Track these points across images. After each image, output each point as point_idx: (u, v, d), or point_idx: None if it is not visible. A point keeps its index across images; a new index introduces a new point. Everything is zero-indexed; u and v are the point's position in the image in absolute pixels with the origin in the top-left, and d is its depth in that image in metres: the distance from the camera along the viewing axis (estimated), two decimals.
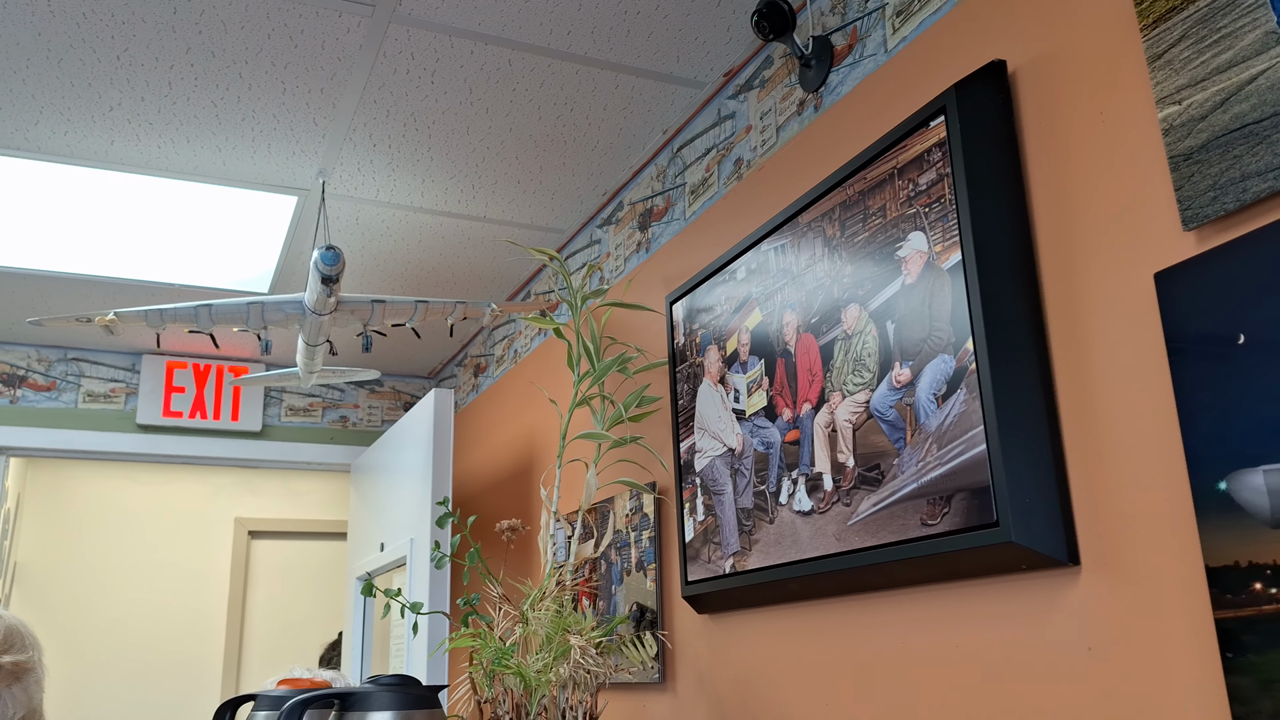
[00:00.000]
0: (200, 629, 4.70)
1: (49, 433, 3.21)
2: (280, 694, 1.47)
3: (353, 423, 3.60)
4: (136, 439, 3.29)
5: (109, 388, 3.31)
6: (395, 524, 2.77)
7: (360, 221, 2.49)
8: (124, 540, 4.70)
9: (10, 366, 3.22)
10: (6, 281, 2.75)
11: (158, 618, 4.65)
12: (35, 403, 3.22)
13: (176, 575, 4.74)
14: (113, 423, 3.29)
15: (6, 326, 3.08)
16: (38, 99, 1.95)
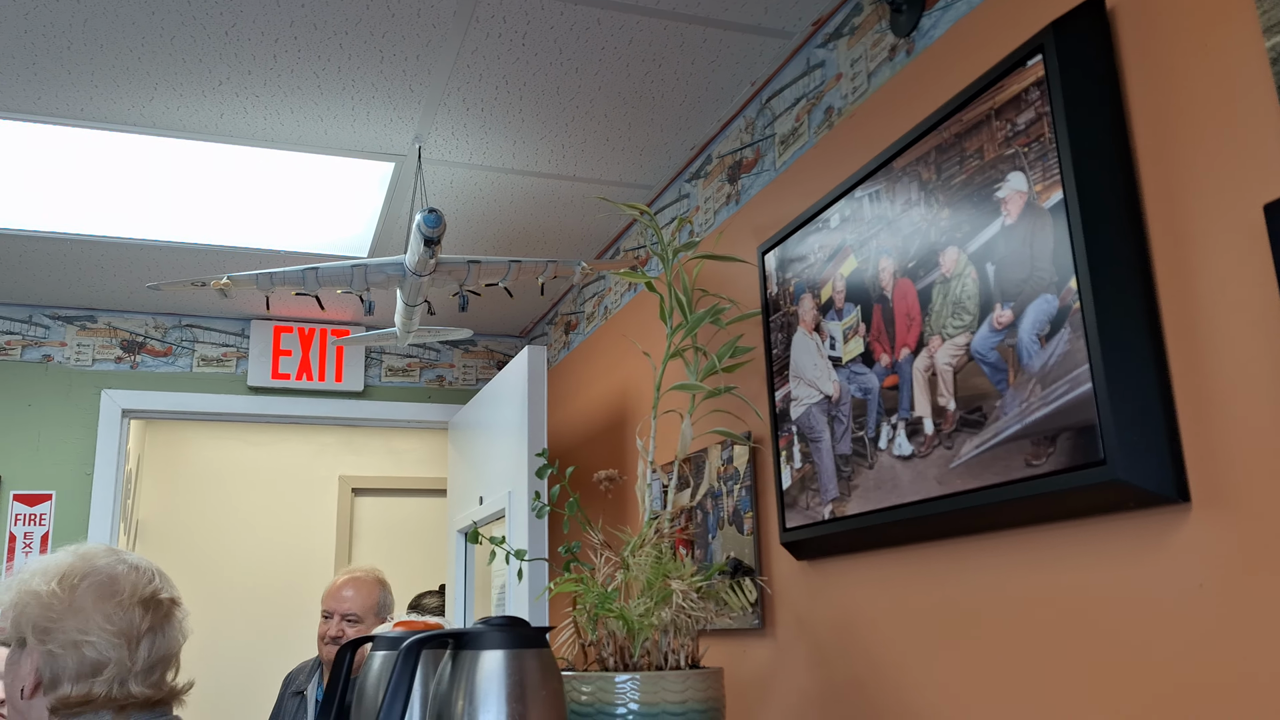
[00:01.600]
0: (309, 581, 4.92)
1: (166, 396, 3.37)
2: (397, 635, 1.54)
3: (449, 381, 3.69)
4: (247, 400, 3.44)
5: (221, 352, 3.46)
6: (493, 478, 2.85)
7: (454, 184, 2.55)
8: (236, 498, 4.93)
9: (130, 334, 3.38)
10: (126, 252, 2.89)
11: (269, 571, 4.87)
12: (153, 368, 3.39)
13: (286, 531, 4.96)
14: (225, 385, 3.44)
15: (125, 295, 3.23)
16: (151, 75, 2.04)
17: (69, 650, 1.30)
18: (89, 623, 1.31)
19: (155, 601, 1.38)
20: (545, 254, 2.97)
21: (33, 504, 3.16)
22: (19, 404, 3.23)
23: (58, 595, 1.33)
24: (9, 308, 3.28)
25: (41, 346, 3.30)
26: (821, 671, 1.73)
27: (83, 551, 1.40)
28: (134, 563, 1.42)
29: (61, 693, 1.29)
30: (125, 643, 1.32)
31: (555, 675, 1.32)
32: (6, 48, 1.92)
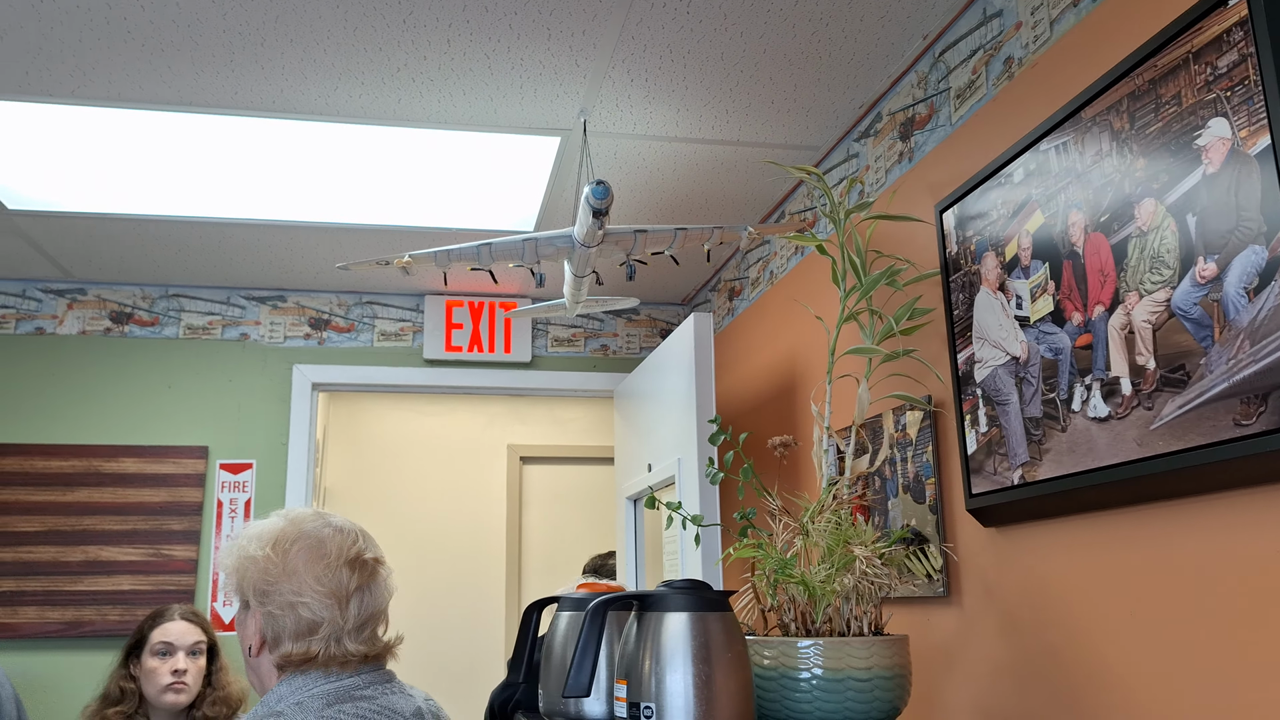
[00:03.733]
0: (482, 547, 5.19)
1: (350, 369, 3.61)
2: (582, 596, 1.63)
3: (612, 351, 3.80)
4: (424, 372, 3.65)
5: (399, 327, 3.68)
6: (661, 445, 2.93)
7: (618, 155, 2.61)
8: (412, 467, 5.23)
9: (316, 311, 3.64)
10: (312, 235, 3.11)
11: (445, 537, 5.16)
12: (338, 343, 3.63)
13: (459, 498, 5.23)
14: (403, 358, 3.66)
15: (312, 275, 3.48)
16: (336, 66, 2.19)
17: (286, 611, 1.42)
18: (302, 584, 1.42)
19: (360, 562, 1.48)
20: (710, 220, 3.01)
21: (236, 472, 3.46)
22: (221, 380, 3.53)
23: (272, 560, 1.44)
24: (210, 290, 3.59)
25: (239, 326, 3.59)
26: (1013, 641, 1.72)
27: (292, 516, 1.52)
28: (339, 525, 1.52)
29: (284, 650, 1.41)
30: (336, 602, 1.42)
31: (739, 638, 1.38)
32: (208, 46, 2.10)
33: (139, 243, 3.16)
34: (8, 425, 3.36)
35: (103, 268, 3.38)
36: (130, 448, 3.39)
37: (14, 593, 3.19)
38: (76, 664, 3.24)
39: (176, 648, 2.34)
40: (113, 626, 3.22)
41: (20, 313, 3.47)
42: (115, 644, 3.23)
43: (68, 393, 3.43)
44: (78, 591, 3.23)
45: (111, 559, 3.27)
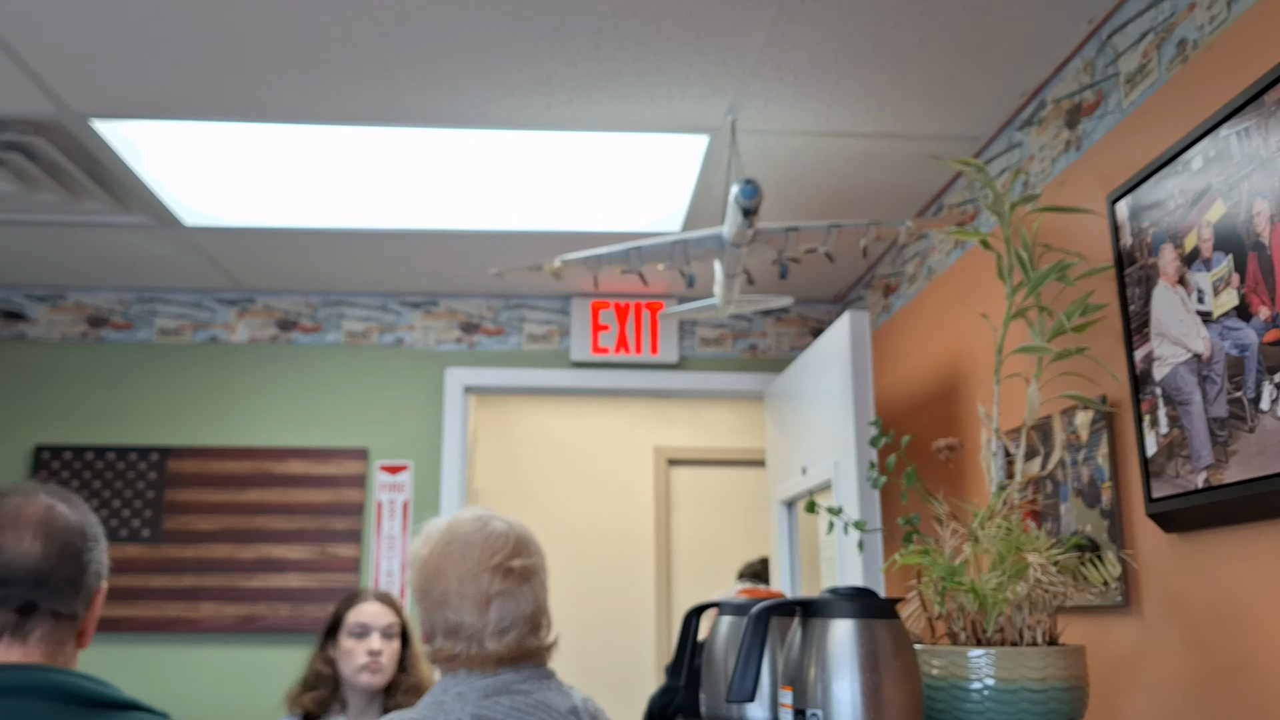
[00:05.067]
0: (630, 550, 5.29)
1: (500, 372, 3.76)
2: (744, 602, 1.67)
3: (761, 351, 3.83)
4: (571, 374, 3.76)
5: (546, 329, 3.80)
6: (816, 448, 2.94)
7: (767, 152, 2.64)
8: (559, 469, 5.38)
9: (467, 315, 3.80)
10: (462, 241, 3.25)
11: (594, 539, 5.28)
12: (488, 346, 3.79)
13: (606, 500, 5.35)
14: (551, 360, 3.78)
15: (463, 280, 3.64)
16: (489, 77, 2.29)
17: (438, 610, 1.52)
18: (449, 586, 1.51)
19: (505, 569, 1.54)
20: (864, 215, 3.00)
21: (394, 473, 3.65)
22: (379, 383, 3.73)
23: (429, 560, 1.54)
24: (368, 297, 3.80)
25: (394, 331, 3.78)
26: (1199, 654, 1.67)
27: (456, 518, 1.60)
28: (493, 530, 1.58)
29: (436, 645, 1.51)
30: (476, 606, 1.49)
31: (908, 647, 1.39)
32: (368, 63, 2.24)
33: (302, 253, 3.37)
34: (187, 429, 3.64)
35: (269, 278, 3.62)
36: (296, 450, 3.62)
37: (194, 589, 3.47)
38: (250, 658, 3.48)
39: (371, 628, 2.47)
40: (283, 622, 3.46)
41: (196, 322, 3.75)
42: (286, 639, 3.47)
43: (239, 398, 3.69)
44: (251, 588, 3.48)
45: (281, 557, 3.51)
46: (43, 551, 1.26)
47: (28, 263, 3.45)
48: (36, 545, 1.26)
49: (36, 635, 1.25)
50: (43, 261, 3.44)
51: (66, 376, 3.67)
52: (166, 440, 3.62)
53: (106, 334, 3.72)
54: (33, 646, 1.24)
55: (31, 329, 3.70)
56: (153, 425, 3.64)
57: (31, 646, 1.24)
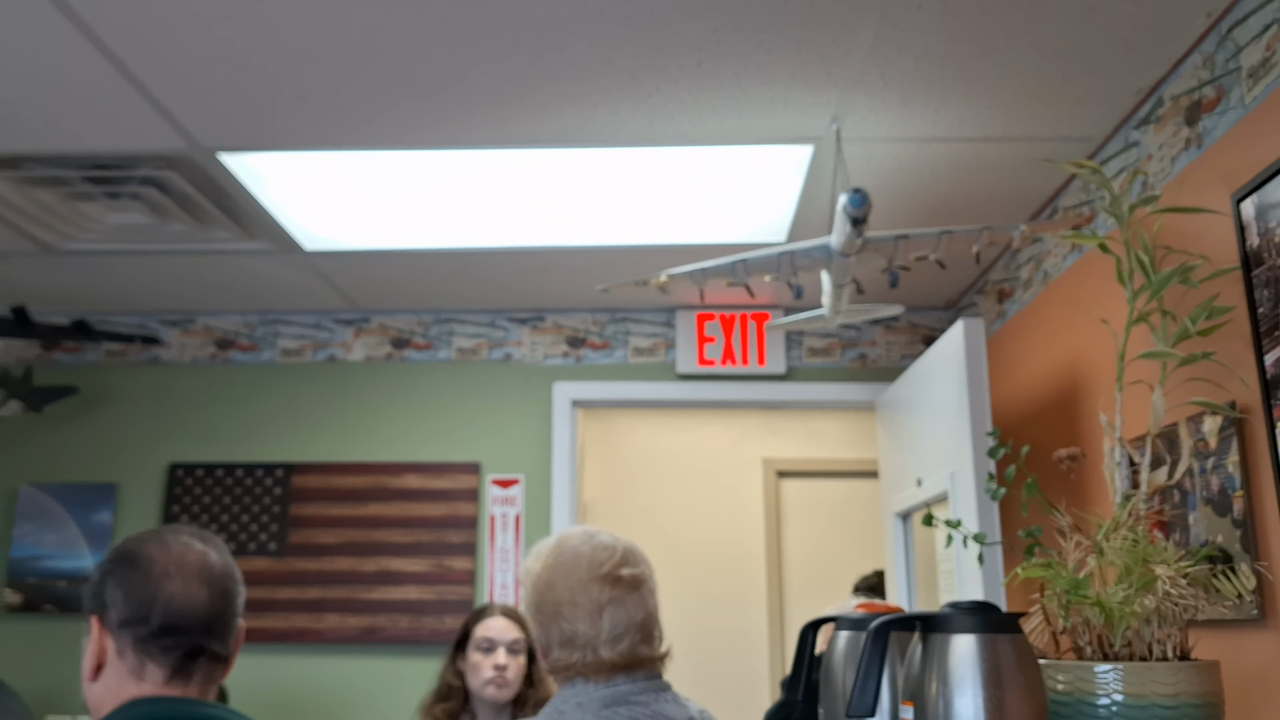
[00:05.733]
0: (741, 562, 5.28)
1: (607, 385, 3.82)
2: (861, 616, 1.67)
3: (871, 360, 3.80)
4: (677, 386, 3.80)
5: (651, 342, 3.85)
6: (931, 459, 2.90)
7: (873, 160, 2.64)
8: (667, 481, 5.41)
9: (573, 330, 3.88)
10: (568, 257, 3.32)
11: (703, 552, 5.29)
12: (594, 360, 3.85)
13: (715, 513, 5.36)
14: (656, 373, 3.83)
15: (569, 295, 3.71)
16: (592, 97, 2.35)
17: (551, 622, 1.58)
18: (560, 597, 1.58)
19: (614, 577, 1.60)
20: (973, 221, 2.96)
21: (506, 487, 3.74)
22: (489, 398, 3.83)
23: (541, 575, 1.62)
24: (476, 314, 3.91)
25: (503, 347, 3.88)
26: None
27: (564, 534, 1.68)
28: (600, 542, 1.64)
29: (553, 658, 1.58)
30: (589, 616, 1.55)
31: (1031, 662, 1.38)
32: (476, 90, 2.32)
33: (414, 273, 3.49)
34: (309, 445, 3.80)
35: (384, 298, 3.76)
36: (412, 464, 3.74)
37: (318, 600, 3.61)
38: (372, 668, 3.61)
39: (497, 643, 2.55)
40: (403, 634, 3.58)
41: (316, 342, 3.92)
42: (405, 650, 3.58)
43: (356, 414, 3.84)
44: (371, 600, 3.61)
45: (400, 570, 3.63)
46: (208, 598, 1.35)
47: (160, 289, 3.66)
48: (203, 592, 1.35)
49: (198, 677, 1.34)
50: (174, 288, 3.64)
51: (197, 397, 3.87)
52: (290, 456, 3.79)
53: (233, 355, 3.91)
54: (193, 686, 1.33)
55: (165, 352, 3.91)
56: (277, 442, 3.81)
57: (192, 686, 1.33)
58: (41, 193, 2.86)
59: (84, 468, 3.80)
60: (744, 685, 5.08)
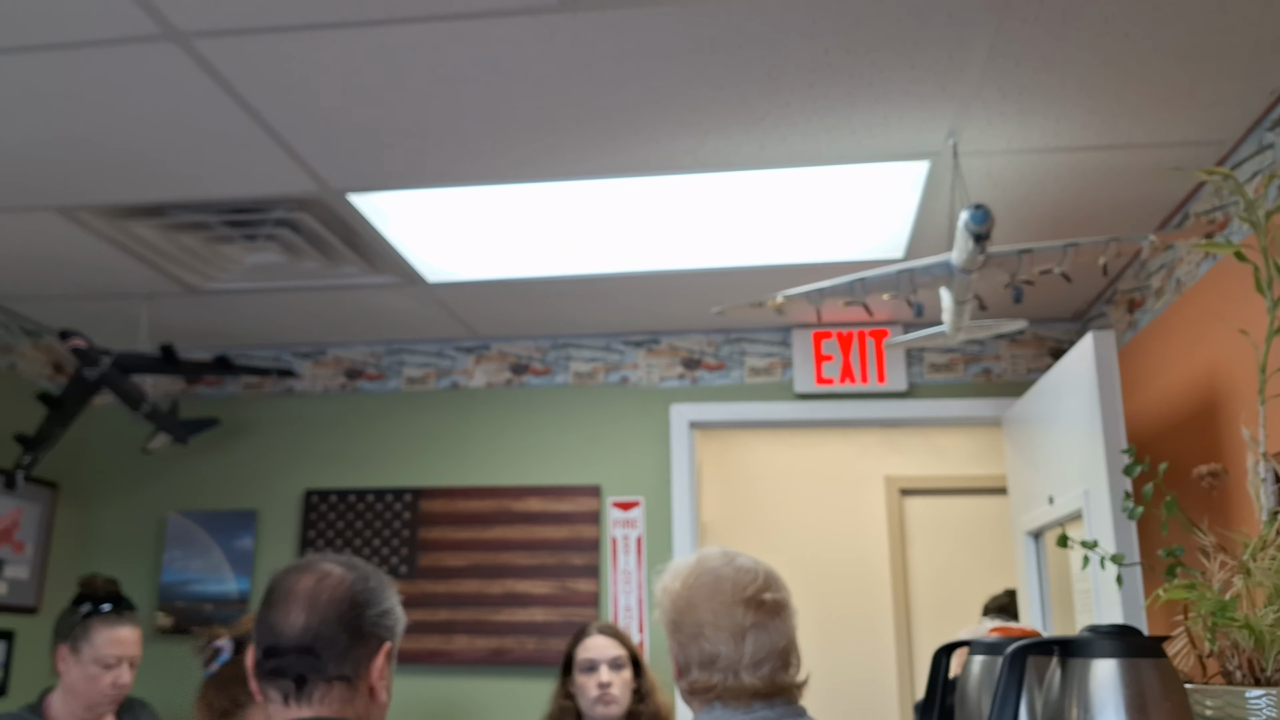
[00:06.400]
0: (865, 582, 5.21)
1: (723, 406, 3.84)
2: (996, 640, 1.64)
3: (996, 374, 3.72)
4: (795, 406, 3.79)
5: (767, 362, 3.85)
6: (1063, 476, 2.83)
7: (991, 173, 2.60)
8: (787, 500, 5.39)
9: (688, 352, 3.91)
10: (681, 280, 3.37)
11: (826, 572, 5.24)
12: (710, 381, 3.88)
13: (837, 532, 5.30)
14: (773, 393, 3.83)
15: (683, 317, 3.75)
16: (703, 123, 2.39)
17: (691, 642, 1.60)
18: (702, 618, 1.59)
19: (757, 601, 1.61)
20: (1100, 231, 2.89)
21: (626, 509, 3.79)
22: (607, 421, 3.89)
23: (680, 593, 1.63)
24: (592, 338, 3.98)
25: (619, 370, 3.94)
26: None
27: (701, 554, 1.70)
28: (741, 565, 1.67)
29: (691, 678, 1.59)
30: (731, 637, 1.57)
31: (1177, 687, 1.34)
32: (590, 123, 2.38)
33: (532, 301, 3.58)
34: (435, 470, 3.93)
35: (502, 325, 3.87)
36: (533, 488, 3.83)
37: (447, 622, 3.72)
38: (500, 689, 3.69)
39: (599, 662, 2.60)
40: (530, 655, 3.65)
41: (439, 370, 4.05)
42: (532, 672, 3.65)
43: (479, 439, 3.95)
44: (499, 622, 3.69)
45: (525, 592, 3.71)
46: (304, 625, 1.40)
47: (293, 324, 3.84)
48: (300, 619, 1.40)
49: (317, 697, 1.40)
50: (306, 322, 3.82)
51: (329, 425, 4.04)
52: (417, 481, 3.92)
53: (361, 385, 4.07)
54: (317, 705, 1.39)
55: (298, 383, 4.10)
56: (404, 467, 3.95)
57: (316, 705, 1.39)
58: (185, 237, 3.05)
59: (226, 495, 4.01)
60: (872, 710, 5.00)
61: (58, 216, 2.85)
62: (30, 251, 3.11)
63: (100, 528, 4.05)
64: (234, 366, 3.50)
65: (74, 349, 3.14)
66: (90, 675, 2.55)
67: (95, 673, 2.55)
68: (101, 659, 2.55)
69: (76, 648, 2.56)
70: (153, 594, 3.92)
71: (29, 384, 3.77)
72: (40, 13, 1.94)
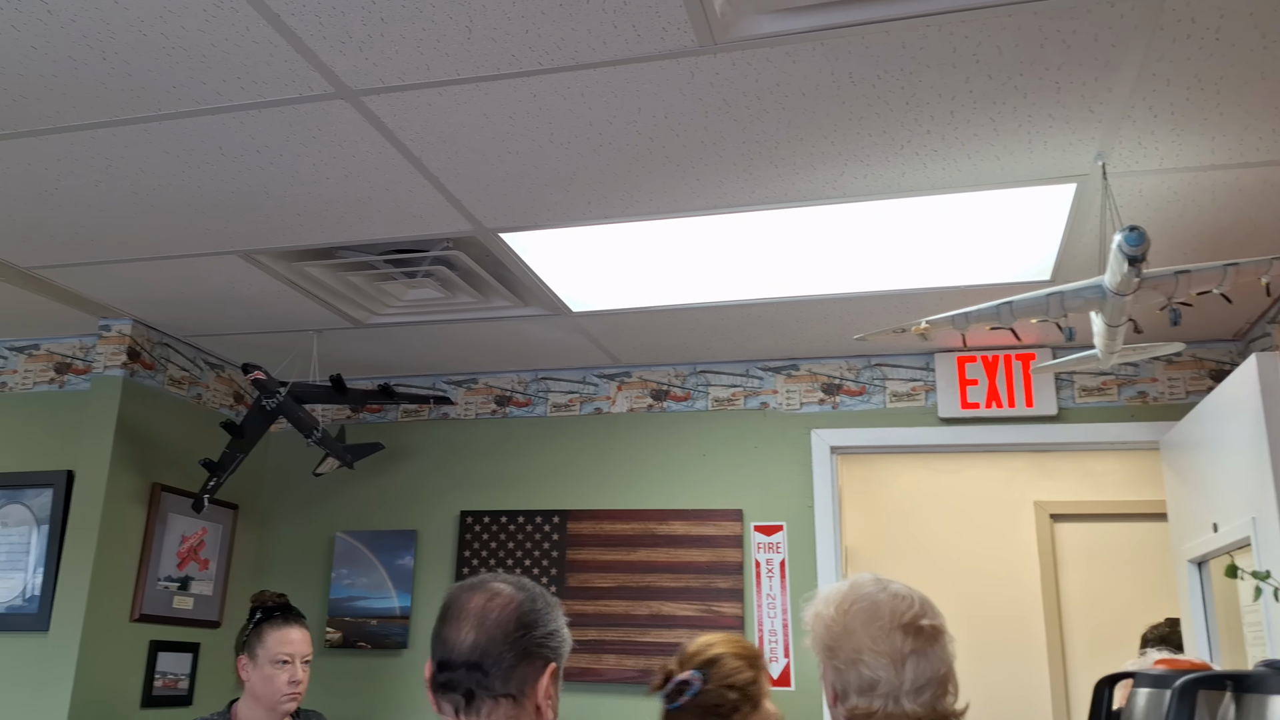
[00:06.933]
0: (1016, 610, 5.04)
1: (865, 431, 3.79)
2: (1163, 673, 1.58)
3: (1152, 398, 3.57)
4: (940, 431, 3.72)
5: (909, 387, 3.79)
6: (1228, 502, 2.69)
7: (1143, 193, 2.52)
8: (931, 526, 5.27)
9: (828, 377, 3.89)
10: (821, 307, 3.36)
11: (974, 599, 5.10)
12: (850, 406, 3.84)
13: (985, 559, 5.15)
14: (917, 418, 3.76)
15: (822, 343, 3.73)
16: (842, 154, 2.39)
17: (849, 668, 1.59)
18: (860, 644, 1.58)
19: (916, 627, 1.60)
20: (1261, 249, 2.75)
21: (769, 534, 3.78)
22: (747, 446, 3.90)
23: (835, 620, 1.63)
24: (731, 364, 4.00)
25: (758, 395, 3.95)
26: None
27: (854, 581, 1.69)
28: (896, 591, 1.66)
29: (849, 704, 1.58)
30: (891, 663, 1.55)
31: None
32: (729, 157, 2.42)
33: (671, 329, 3.64)
34: (581, 493, 4.01)
35: (643, 352, 3.93)
36: (676, 511, 3.86)
37: (596, 641, 3.78)
38: (650, 709, 3.73)
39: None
40: None
41: (583, 396, 4.14)
42: None
43: (622, 463, 4.01)
44: (646, 643, 3.74)
45: (671, 614, 3.75)
46: (473, 642, 1.46)
47: (448, 353, 4.00)
48: (470, 635, 1.46)
49: (484, 712, 1.45)
50: (460, 352, 3.97)
51: (481, 449, 4.19)
52: (564, 504, 4.01)
53: (510, 411, 4.20)
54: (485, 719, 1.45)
55: (453, 410, 4.26)
56: (552, 490, 4.05)
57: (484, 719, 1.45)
58: (352, 276, 3.23)
59: (388, 516, 4.19)
60: None
61: (240, 260, 3.07)
62: (216, 293, 3.35)
63: (275, 546, 4.29)
64: (396, 395, 3.66)
65: (255, 381, 3.36)
66: (266, 675, 2.75)
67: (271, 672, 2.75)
68: (274, 657, 2.76)
69: (253, 653, 2.77)
70: (322, 610, 4.12)
71: (213, 413, 4.04)
72: (231, 78, 2.11)
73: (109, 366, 3.62)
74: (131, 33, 1.96)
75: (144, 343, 3.70)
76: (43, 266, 3.17)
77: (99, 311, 3.58)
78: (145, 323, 3.69)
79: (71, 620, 3.35)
